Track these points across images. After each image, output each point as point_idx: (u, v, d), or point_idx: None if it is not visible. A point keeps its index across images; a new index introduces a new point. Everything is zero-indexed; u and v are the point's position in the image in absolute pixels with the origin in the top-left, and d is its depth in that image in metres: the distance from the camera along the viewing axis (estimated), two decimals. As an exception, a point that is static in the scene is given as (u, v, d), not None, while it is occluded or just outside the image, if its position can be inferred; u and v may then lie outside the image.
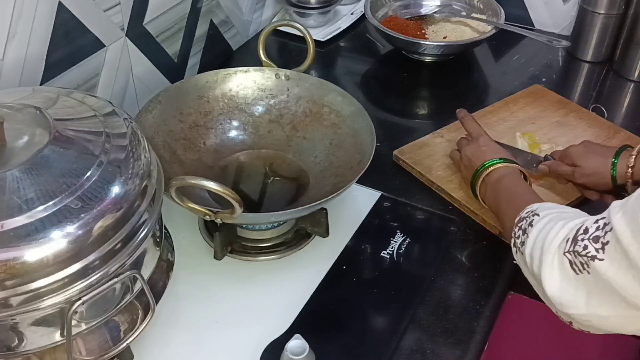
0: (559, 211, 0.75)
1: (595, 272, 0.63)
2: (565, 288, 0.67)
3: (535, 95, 1.21)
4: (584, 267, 0.65)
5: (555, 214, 0.74)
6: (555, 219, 0.72)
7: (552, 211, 0.75)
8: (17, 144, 0.65)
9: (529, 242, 0.73)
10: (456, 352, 0.79)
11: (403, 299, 0.84)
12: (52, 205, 0.60)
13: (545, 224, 0.72)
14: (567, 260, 0.67)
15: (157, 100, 0.96)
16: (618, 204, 0.64)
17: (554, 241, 0.69)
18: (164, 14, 1.12)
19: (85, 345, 0.67)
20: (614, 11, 1.28)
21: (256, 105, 1.02)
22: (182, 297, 0.83)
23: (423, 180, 1.03)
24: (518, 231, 0.76)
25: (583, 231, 0.66)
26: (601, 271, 0.62)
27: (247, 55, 1.33)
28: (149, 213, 0.68)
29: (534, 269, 0.71)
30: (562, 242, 0.68)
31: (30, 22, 0.87)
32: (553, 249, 0.69)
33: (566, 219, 0.71)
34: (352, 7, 1.49)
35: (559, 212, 0.74)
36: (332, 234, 0.91)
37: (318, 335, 0.78)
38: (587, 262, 0.64)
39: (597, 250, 0.63)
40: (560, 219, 0.71)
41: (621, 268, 0.61)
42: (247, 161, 1.00)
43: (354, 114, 0.96)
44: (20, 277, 0.58)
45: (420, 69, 1.33)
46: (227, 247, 0.88)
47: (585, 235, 0.65)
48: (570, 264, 0.66)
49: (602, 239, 0.63)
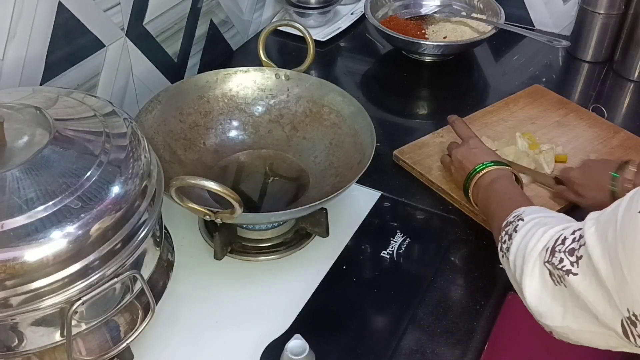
0: (542, 216, 0.74)
1: (570, 287, 0.62)
2: (544, 299, 0.67)
3: (535, 95, 1.21)
4: (560, 280, 0.64)
5: (538, 219, 0.73)
6: (537, 225, 0.71)
7: (536, 216, 0.74)
8: (17, 144, 0.65)
9: (512, 249, 0.72)
10: (456, 352, 0.79)
11: (403, 299, 0.84)
12: (52, 205, 0.60)
13: (528, 230, 0.71)
14: (546, 270, 0.66)
15: (157, 100, 0.96)
16: (594, 216, 0.62)
17: (534, 250, 0.68)
18: (164, 14, 1.12)
19: (85, 345, 0.67)
20: (614, 11, 1.28)
21: (256, 105, 1.02)
22: (182, 297, 0.83)
23: (423, 180, 1.03)
24: (504, 236, 0.75)
25: (561, 241, 0.65)
26: (574, 286, 0.61)
27: (247, 55, 1.33)
28: (149, 213, 0.68)
29: (517, 277, 0.71)
30: (542, 251, 0.67)
31: (30, 22, 0.87)
32: (533, 257, 0.68)
33: (547, 225, 0.69)
34: (352, 7, 1.49)
35: (543, 217, 0.73)
36: (332, 234, 0.91)
37: (318, 335, 0.78)
38: (563, 276, 0.63)
39: (572, 264, 0.62)
40: (541, 225, 0.70)
41: (592, 285, 0.60)
42: (247, 161, 1.00)
43: (354, 114, 0.96)
44: (20, 277, 0.58)
45: (420, 69, 1.33)
46: (227, 247, 0.88)
47: (562, 246, 0.64)
48: (550, 274, 0.66)
49: (577, 252, 0.62)
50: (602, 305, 0.59)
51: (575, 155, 1.06)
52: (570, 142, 1.07)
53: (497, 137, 1.08)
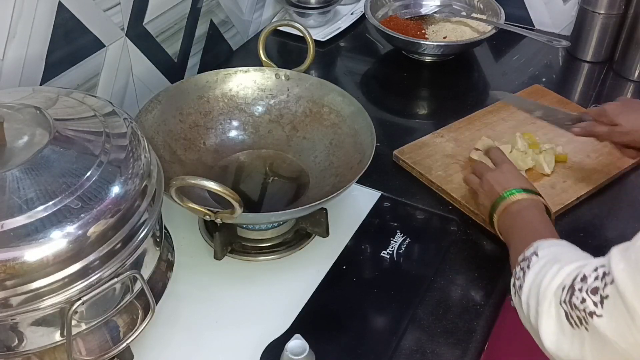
0: (558, 251, 0.70)
1: (593, 330, 0.58)
2: (561, 341, 0.63)
3: (536, 95, 1.21)
4: (581, 322, 0.60)
5: (552, 254, 0.69)
6: (551, 261, 0.68)
7: (550, 250, 0.70)
8: (17, 144, 0.65)
9: (525, 288, 0.69)
10: (456, 352, 0.79)
11: (403, 299, 0.84)
12: (52, 205, 0.60)
13: (541, 266, 0.68)
14: (562, 311, 0.62)
15: (157, 100, 0.96)
16: (619, 250, 0.58)
17: (549, 288, 0.65)
18: (164, 14, 1.12)
19: (85, 345, 0.67)
20: (614, 11, 1.28)
21: (256, 105, 1.02)
22: (182, 297, 0.83)
23: (423, 180, 1.03)
24: (519, 272, 0.72)
25: (581, 279, 0.61)
26: (600, 329, 0.57)
27: (247, 55, 1.33)
28: (149, 213, 0.68)
29: (531, 319, 0.67)
30: (557, 290, 0.64)
31: (30, 22, 0.87)
32: (549, 296, 0.64)
33: (562, 262, 0.66)
34: (352, 7, 1.49)
35: (558, 252, 0.70)
36: (332, 234, 0.91)
37: (318, 335, 0.78)
38: (586, 318, 0.59)
39: (596, 304, 0.58)
40: (556, 260, 0.67)
41: (621, 326, 0.56)
42: (247, 161, 1.00)
43: (354, 114, 0.96)
44: (20, 277, 0.58)
45: (420, 69, 1.33)
46: (227, 247, 0.88)
47: (584, 284, 0.60)
48: (567, 315, 0.62)
49: (601, 291, 0.58)
50: (634, 347, 0.56)
51: (575, 155, 1.06)
52: (570, 142, 1.07)
53: (497, 137, 1.08)
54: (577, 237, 0.94)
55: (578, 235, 0.94)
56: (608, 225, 0.97)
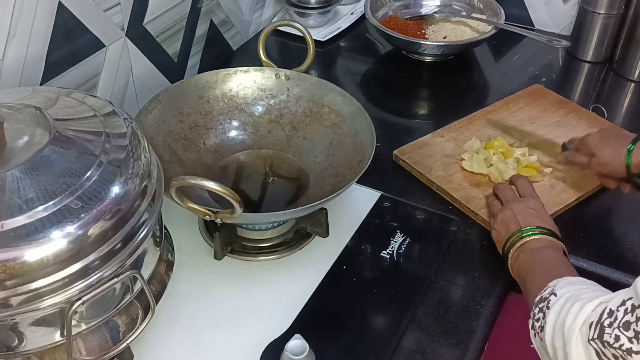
0: (576, 288, 0.68)
1: None
2: None
3: (535, 95, 1.21)
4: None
5: (571, 292, 0.67)
6: (571, 299, 0.66)
7: (569, 289, 0.68)
8: (17, 144, 0.64)
9: (548, 329, 0.67)
10: (456, 352, 0.79)
11: (403, 299, 0.84)
12: (52, 205, 0.60)
13: (562, 305, 0.66)
14: (592, 349, 0.60)
15: (157, 100, 0.96)
16: None
17: (573, 327, 0.63)
18: (164, 14, 1.12)
19: (85, 345, 0.67)
20: (614, 11, 1.28)
21: (256, 105, 1.02)
22: (182, 297, 0.83)
23: (423, 180, 1.03)
24: (538, 313, 0.70)
25: (608, 315, 0.59)
26: None
27: (247, 55, 1.33)
28: (149, 213, 0.68)
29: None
30: (582, 327, 0.62)
31: (30, 22, 0.87)
32: (575, 335, 0.62)
33: (583, 299, 0.64)
34: (352, 7, 1.49)
35: (577, 288, 0.68)
36: (332, 234, 0.91)
37: (318, 335, 0.78)
38: (624, 357, 0.57)
39: (631, 340, 0.55)
40: (576, 298, 0.65)
41: None
42: (247, 161, 1.00)
43: (354, 114, 0.96)
44: (20, 277, 0.58)
45: (420, 69, 1.33)
46: (227, 247, 0.88)
47: (613, 321, 0.58)
48: (597, 353, 0.60)
49: (634, 325, 0.55)
50: None
51: (575, 155, 1.06)
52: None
53: (496, 137, 1.08)
54: (577, 237, 0.94)
55: (578, 235, 0.94)
56: (608, 225, 0.97)
